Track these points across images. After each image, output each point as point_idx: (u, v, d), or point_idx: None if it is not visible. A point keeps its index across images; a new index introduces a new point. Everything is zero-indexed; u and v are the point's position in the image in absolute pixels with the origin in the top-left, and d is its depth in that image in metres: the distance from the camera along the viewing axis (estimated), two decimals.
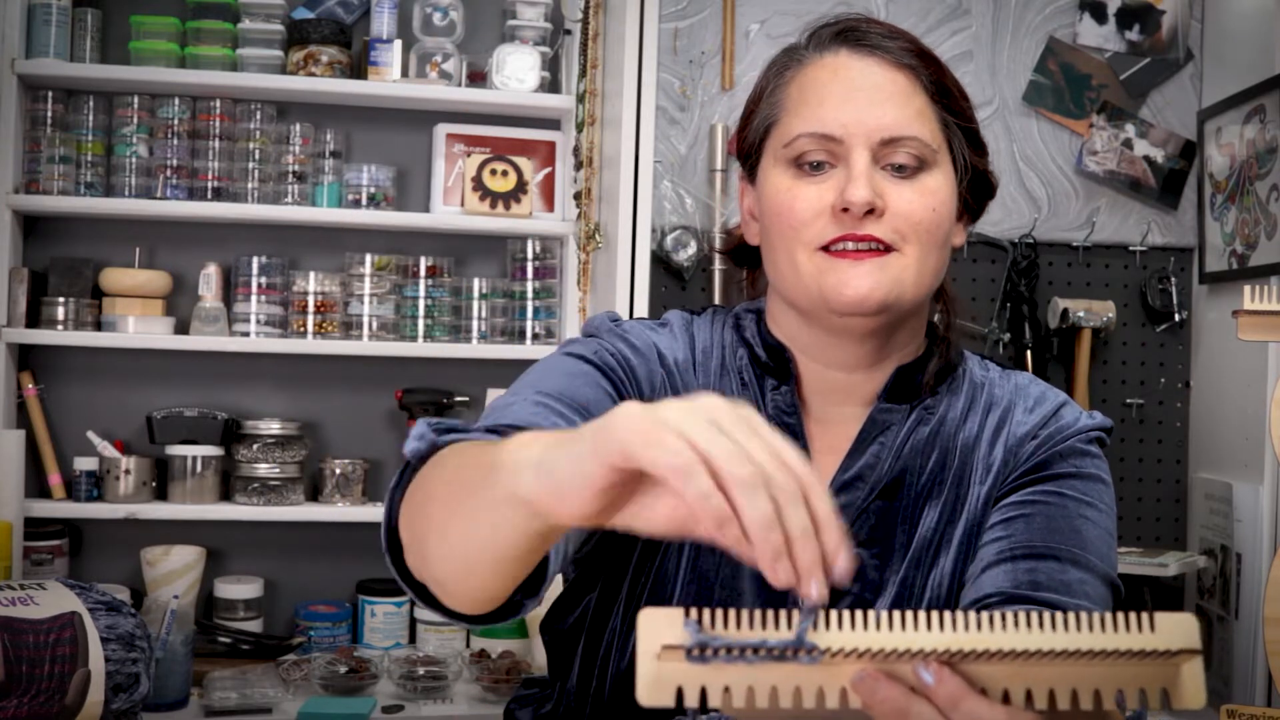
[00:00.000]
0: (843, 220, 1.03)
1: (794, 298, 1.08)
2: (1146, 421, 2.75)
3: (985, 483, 1.10)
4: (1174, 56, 2.75)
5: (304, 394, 2.68)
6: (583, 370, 1.06)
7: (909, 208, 1.03)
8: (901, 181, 1.04)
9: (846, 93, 1.04)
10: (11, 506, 2.38)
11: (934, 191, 1.05)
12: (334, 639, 2.53)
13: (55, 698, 1.68)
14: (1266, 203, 2.44)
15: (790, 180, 1.06)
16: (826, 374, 1.11)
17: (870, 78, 1.05)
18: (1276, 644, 1.67)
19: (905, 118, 1.04)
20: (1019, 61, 2.73)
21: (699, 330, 1.15)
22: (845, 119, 1.03)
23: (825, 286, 1.03)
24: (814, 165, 1.05)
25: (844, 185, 1.02)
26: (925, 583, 1.08)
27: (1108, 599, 1.04)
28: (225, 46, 2.55)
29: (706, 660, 0.68)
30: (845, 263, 1.03)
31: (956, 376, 1.15)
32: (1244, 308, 1.74)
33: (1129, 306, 2.74)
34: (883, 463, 1.10)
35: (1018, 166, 2.72)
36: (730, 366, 1.13)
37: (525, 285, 2.68)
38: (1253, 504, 2.44)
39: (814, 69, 1.07)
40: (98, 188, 2.52)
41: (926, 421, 1.12)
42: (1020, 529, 1.05)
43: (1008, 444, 1.11)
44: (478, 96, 2.63)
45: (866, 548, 1.08)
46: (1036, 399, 1.14)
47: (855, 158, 1.03)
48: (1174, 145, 2.75)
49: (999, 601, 1.00)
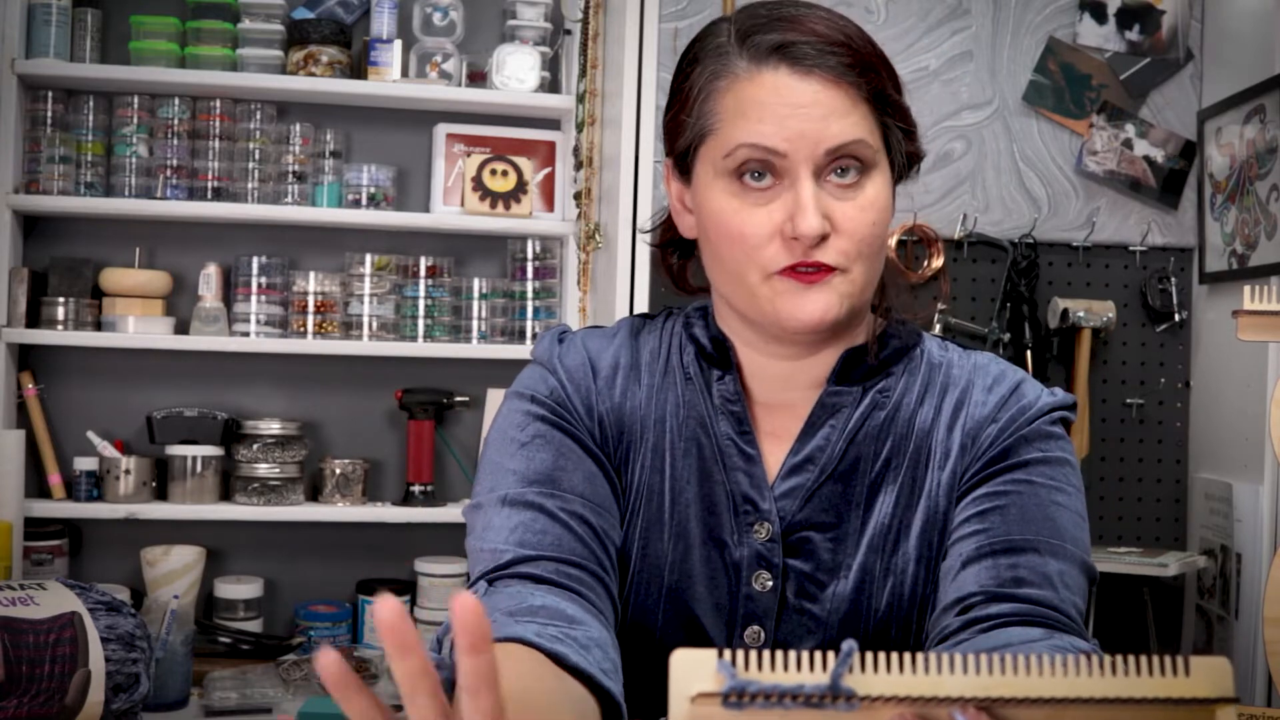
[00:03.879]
0: (793, 248, 1.03)
1: (743, 311, 1.10)
2: (1146, 421, 2.75)
3: (945, 468, 1.10)
4: (1174, 56, 2.75)
5: (304, 394, 2.68)
6: (535, 434, 1.10)
7: (853, 226, 1.04)
8: (845, 195, 1.04)
9: (788, 109, 1.03)
10: (11, 506, 2.38)
11: (874, 201, 1.05)
12: (334, 639, 2.53)
13: (55, 698, 1.68)
14: (1266, 203, 2.44)
15: (736, 200, 1.05)
16: (770, 363, 1.13)
17: (810, 97, 1.03)
18: (1276, 644, 1.67)
19: (847, 128, 1.03)
20: (1019, 61, 2.73)
21: (648, 336, 1.18)
22: (789, 135, 1.03)
23: (779, 310, 1.05)
24: (756, 175, 1.04)
25: (792, 210, 1.03)
26: (886, 568, 1.09)
27: (1085, 586, 1.05)
28: (225, 46, 2.55)
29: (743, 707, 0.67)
30: (798, 286, 1.04)
31: (913, 358, 1.15)
32: (1244, 308, 1.74)
33: (1129, 306, 2.74)
34: (833, 444, 1.10)
35: (1018, 166, 2.72)
36: (675, 364, 1.15)
37: (525, 285, 2.68)
38: (1253, 504, 2.44)
39: (752, 86, 1.05)
40: (98, 188, 2.52)
41: (881, 405, 1.12)
42: (996, 522, 1.05)
43: (966, 427, 1.11)
44: (478, 96, 2.63)
45: (819, 530, 1.09)
46: (995, 378, 1.13)
47: (801, 178, 1.03)
48: (1174, 145, 2.75)
49: (983, 600, 1.01)
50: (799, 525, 1.09)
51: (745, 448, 1.10)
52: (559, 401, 1.12)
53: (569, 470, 1.08)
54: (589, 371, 1.14)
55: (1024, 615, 0.99)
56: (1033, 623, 0.99)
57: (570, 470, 1.08)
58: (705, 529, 1.10)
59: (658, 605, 1.09)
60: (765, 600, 1.08)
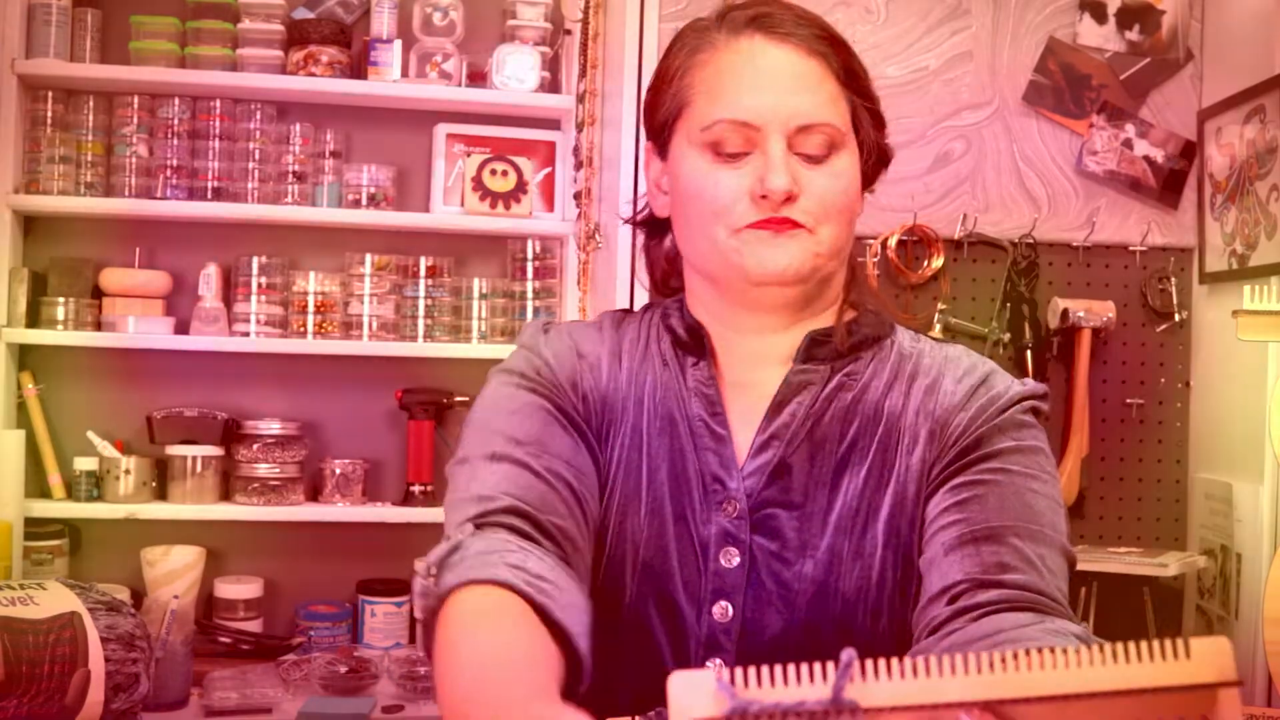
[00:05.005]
0: (761, 206, 1.08)
1: (710, 270, 1.14)
2: (1146, 421, 2.75)
3: (914, 453, 1.12)
4: (1174, 56, 2.75)
5: (304, 394, 2.68)
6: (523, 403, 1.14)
7: (822, 191, 1.09)
8: (813, 165, 1.09)
9: (762, 80, 1.09)
10: (11, 506, 2.38)
11: (843, 173, 1.10)
12: (334, 639, 2.53)
13: (55, 698, 1.68)
14: (1266, 203, 2.44)
15: (708, 165, 1.10)
16: (742, 340, 1.16)
17: (784, 65, 1.09)
18: (1276, 644, 1.68)
19: (818, 103, 1.09)
20: (1019, 61, 2.73)
21: (629, 326, 1.22)
22: (761, 106, 1.08)
23: (745, 261, 1.09)
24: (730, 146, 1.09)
25: (763, 172, 1.07)
26: (856, 551, 1.11)
27: (1066, 570, 1.07)
28: (225, 46, 2.55)
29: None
30: (765, 234, 1.08)
31: (884, 346, 1.18)
32: (1244, 308, 1.74)
33: (1129, 306, 2.74)
34: (797, 420, 1.13)
35: (1018, 166, 2.72)
36: (653, 352, 1.19)
37: (525, 285, 2.68)
38: (1253, 504, 2.44)
39: (728, 54, 1.11)
40: (98, 188, 2.52)
41: (849, 387, 1.15)
42: (975, 511, 1.07)
43: (936, 415, 1.13)
44: (478, 96, 2.63)
45: (784, 508, 1.12)
46: (966, 369, 1.16)
47: (772, 145, 1.07)
48: (1174, 145, 2.75)
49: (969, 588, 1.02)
50: (765, 503, 1.12)
51: (716, 428, 1.14)
52: (546, 378, 1.16)
53: (555, 438, 1.12)
54: (574, 354, 1.18)
55: (1012, 601, 1.01)
56: (1021, 608, 1.00)
57: (556, 438, 1.12)
58: (677, 506, 1.13)
59: (631, 577, 1.13)
60: (733, 576, 1.11)
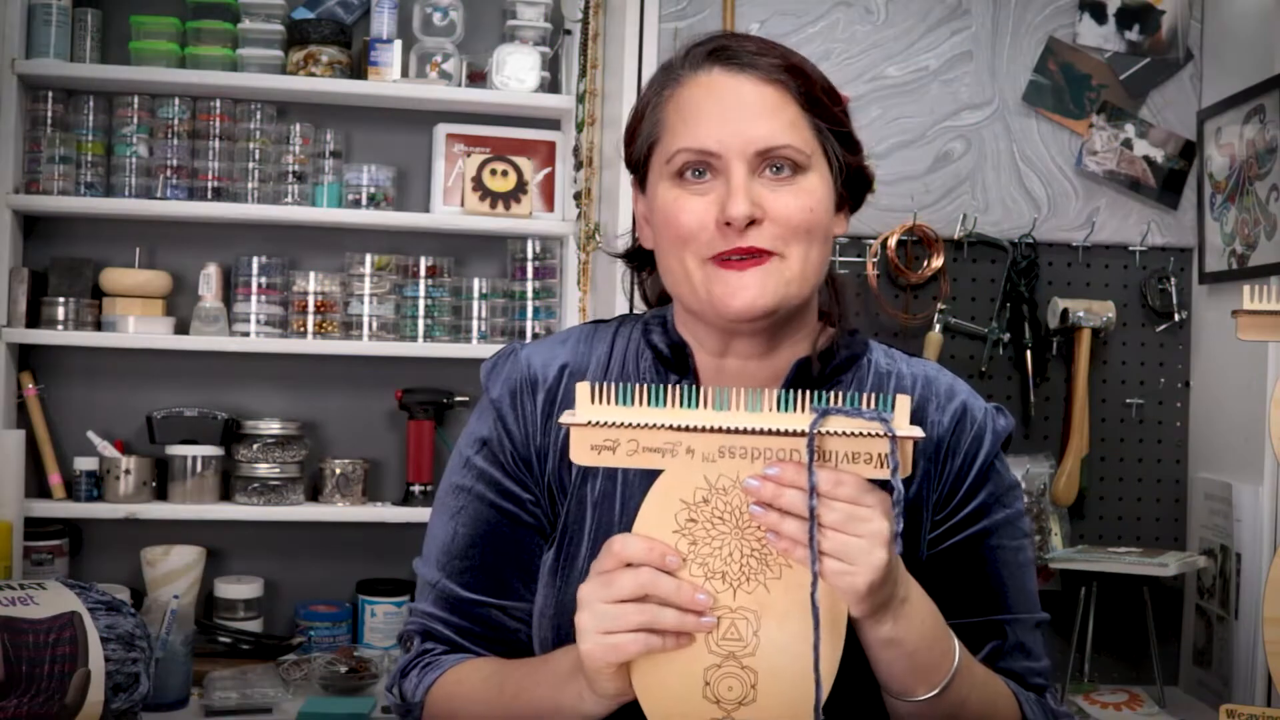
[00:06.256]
0: (727, 234, 1.09)
1: (686, 302, 1.16)
2: (1146, 421, 2.75)
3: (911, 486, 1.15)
4: (1174, 56, 2.75)
5: (304, 394, 2.68)
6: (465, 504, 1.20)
7: (787, 212, 1.10)
8: (779, 186, 1.10)
9: (721, 110, 1.10)
10: (11, 506, 2.38)
11: (810, 191, 1.11)
12: (334, 639, 2.53)
13: (55, 697, 1.68)
14: (1266, 203, 2.44)
15: (676, 192, 1.12)
16: (724, 364, 1.18)
17: (742, 94, 1.11)
18: (1276, 644, 1.68)
19: (777, 129, 1.10)
20: (1019, 61, 2.73)
21: (600, 339, 1.23)
22: (721, 135, 1.10)
23: (714, 296, 1.11)
24: (696, 173, 1.11)
25: (724, 199, 1.09)
26: None
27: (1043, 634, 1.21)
28: (225, 46, 2.55)
29: None
30: (732, 273, 1.10)
31: (860, 366, 1.20)
32: (1244, 308, 1.74)
33: (1129, 306, 2.74)
34: None
35: (1018, 166, 2.72)
36: (631, 370, 1.21)
37: (525, 285, 2.68)
38: (1253, 504, 2.44)
39: (689, 88, 1.13)
40: (98, 188, 2.52)
41: None
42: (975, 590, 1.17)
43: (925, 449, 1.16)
44: (478, 96, 2.63)
45: None
46: (946, 394, 1.19)
47: (733, 172, 1.09)
48: (1174, 145, 2.75)
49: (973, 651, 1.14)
50: None
51: None
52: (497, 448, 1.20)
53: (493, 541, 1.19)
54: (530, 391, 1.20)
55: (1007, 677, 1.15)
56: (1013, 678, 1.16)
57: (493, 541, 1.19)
58: None
59: None
60: None
